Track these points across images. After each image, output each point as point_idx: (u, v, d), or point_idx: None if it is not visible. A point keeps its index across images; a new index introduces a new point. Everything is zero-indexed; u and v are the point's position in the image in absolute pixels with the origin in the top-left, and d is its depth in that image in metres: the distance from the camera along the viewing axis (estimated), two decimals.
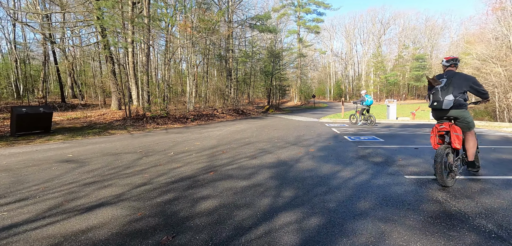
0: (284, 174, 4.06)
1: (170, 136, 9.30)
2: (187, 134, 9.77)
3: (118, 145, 7.38)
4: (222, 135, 9.12)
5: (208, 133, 10.05)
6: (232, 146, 6.79)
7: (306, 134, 8.92)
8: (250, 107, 27.18)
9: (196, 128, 12.22)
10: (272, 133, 9.35)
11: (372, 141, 7.20)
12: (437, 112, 3.60)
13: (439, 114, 3.60)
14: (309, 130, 10.35)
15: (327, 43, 65.74)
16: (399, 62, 62.19)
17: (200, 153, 5.93)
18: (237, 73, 30.03)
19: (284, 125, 12.88)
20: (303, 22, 43.86)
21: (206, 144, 7.24)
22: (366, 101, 11.25)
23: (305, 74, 50.66)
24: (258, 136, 8.63)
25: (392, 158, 5.03)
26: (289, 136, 8.57)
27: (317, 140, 7.60)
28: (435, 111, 3.62)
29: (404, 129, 10.55)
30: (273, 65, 31.11)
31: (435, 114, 3.68)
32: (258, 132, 9.94)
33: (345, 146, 6.44)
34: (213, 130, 10.95)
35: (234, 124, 14.02)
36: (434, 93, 3.50)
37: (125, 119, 13.41)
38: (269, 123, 14.41)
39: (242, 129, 11.27)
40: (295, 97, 51.51)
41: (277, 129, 10.75)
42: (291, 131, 9.89)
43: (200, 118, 16.97)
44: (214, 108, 20.55)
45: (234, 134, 9.47)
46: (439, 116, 3.62)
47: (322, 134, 8.87)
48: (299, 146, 6.53)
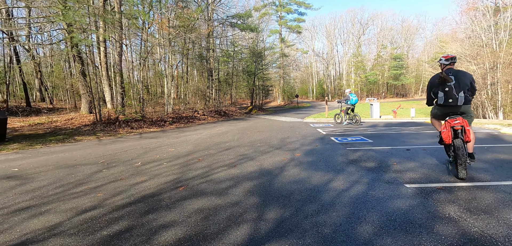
0: (268, 187, 3.45)
1: (143, 142, 8.44)
2: (163, 139, 8.94)
3: (79, 154, 6.47)
4: (200, 139, 8.39)
5: (185, 137, 9.27)
6: (210, 151, 6.11)
7: (291, 136, 8.39)
8: (233, 108, 26.46)
9: (174, 132, 11.37)
10: (254, 136, 8.75)
11: (360, 142, 6.78)
12: (450, 108, 3.73)
13: (452, 111, 3.73)
14: (294, 131, 9.85)
15: (308, 43, 66.33)
16: (378, 61, 63.84)
17: (172, 161, 5.19)
18: (218, 73, 29.22)
19: (267, 126, 12.33)
20: (284, 21, 43.76)
21: (181, 150, 6.50)
22: (351, 100, 10.93)
23: (288, 74, 50.66)
24: (239, 140, 7.99)
25: (385, 162, 4.57)
26: (273, 138, 8.00)
27: (302, 142, 7.08)
28: (446, 108, 3.77)
29: (389, 127, 10.32)
30: (256, 65, 30.58)
31: (445, 110, 3.80)
32: (240, 134, 9.30)
33: (333, 149, 5.95)
34: (191, 134, 10.18)
35: (215, 126, 13.28)
36: (448, 91, 3.65)
37: (95, 124, 12.29)
38: (252, 124, 13.81)
39: (223, 131, 10.57)
40: (278, 97, 51.32)
41: (260, 131, 10.16)
42: (275, 133, 9.33)
43: (179, 121, 16.05)
44: (194, 110, 19.65)
45: (213, 137, 8.76)
46: (452, 113, 3.74)
47: (307, 136, 8.38)
48: (283, 150, 5.97)
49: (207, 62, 23.98)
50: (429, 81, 4.01)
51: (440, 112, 3.95)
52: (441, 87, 3.71)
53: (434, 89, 3.87)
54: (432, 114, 4.25)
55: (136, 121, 13.40)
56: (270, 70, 43.44)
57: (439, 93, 3.75)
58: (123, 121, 12.86)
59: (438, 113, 4.02)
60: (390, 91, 64.16)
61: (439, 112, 3.97)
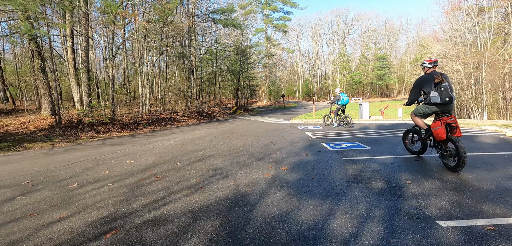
0: (240, 229, 2.33)
1: (101, 150, 7.08)
2: (127, 146, 7.61)
3: (8, 169, 5.08)
4: (170, 147, 7.15)
5: (155, 143, 7.99)
6: (176, 165, 4.91)
7: (277, 142, 7.31)
8: (216, 109, 25.16)
9: (145, 137, 10.02)
10: (235, 141, 7.60)
11: (357, 150, 5.80)
12: (446, 106, 3.97)
13: (447, 109, 3.99)
14: (280, 135, 8.79)
15: (294, 43, 65.84)
16: (362, 62, 64.34)
17: (121, 181, 3.97)
18: (201, 72, 27.81)
19: (251, 128, 11.21)
20: (270, 20, 42.84)
21: (141, 162, 5.26)
22: (342, 100, 10.01)
23: (274, 73, 49.83)
24: (216, 146, 6.82)
25: (396, 180, 3.57)
26: (256, 144, 6.89)
27: (290, 150, 6.01)
28: (443, 106, 3.98)
29: (383, 130, 9.47)
30: (240, 63, 29.39)
31: (441, 109, 4.02)
32: (218, 139, 8.12)
33: (327, 160, 4.91)
34: (163, 139, 8.89)
35: (194, 129, 12.02)
36: (443, 90, 3.89)
37: (54, 128, 10.71)
38: (235, 126, 12.65)
39: (200, 136, 9.35)
40: (264, 97, 50.36)
41: (243, 135, 9.03)
42: (258, 138, 8.22)
43: (155, 123, 14.63)
44: (173, 112, 18.22)
45: (187, 143, 7.54)
46: (447, 111, 4.01)
47: (295, 141, 7.33)
48: (267, 162, 4.86)
49: (188, 60, 22.55)
50: (420, 80, 4.23)
51: (430, 110, 4.18)
52: (436, 87, 3.95)
53: (425, 89, 4.11)
54: (416, 113, 4.48)
55: (103, 124, 11.90)
56: (256, 70, 42.38)
57: (433, 93, 3.97)
58: (88, 124, 11.33)
59: (427, 112, 4.26)
60: (375, 91, 64.84)
61: (430, 110, 4.19)
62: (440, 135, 3.92)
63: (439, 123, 3.94)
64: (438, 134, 3.94)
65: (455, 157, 3.81)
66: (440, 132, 3.91)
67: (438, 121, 3.96)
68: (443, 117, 3.94)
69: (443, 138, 3.90)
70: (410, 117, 4.69)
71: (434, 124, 4.04)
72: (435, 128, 3.99)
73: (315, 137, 8.07)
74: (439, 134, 3.93)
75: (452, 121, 3.86)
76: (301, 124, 12.95)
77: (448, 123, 3.88)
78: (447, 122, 3.89)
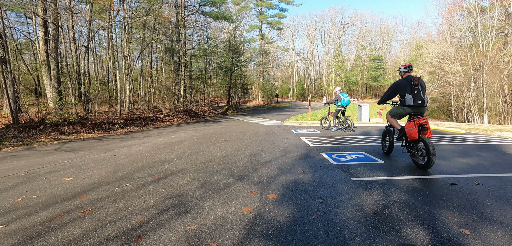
0: None
1: (48, 158, 5.69)
2: (84, 153, 6.23)
3: None
4: (135, 155, 5.80)
5: (120, 149, 6.62)
6: (126, 186, 3.59)
7: (266, 150, 6.05)
8: (206, 108, 23.76)
9: (114, 140, 8.62)
10: (216, 149, 6.30)
11: (367, 164, 4.57)
12: (419, 109, 4.27)
13: (420, 111, 4.29)
14: (271, 140, 7.52)
15: (289, 41, 64.71)
16: (357, 62, 63.70)
17: (24, 218, 2.63)
18: (190, 68, 26.36)
19: (239, 131, 9.92)
20: (264, 17, 41.56)
21: (82, 180, 3.92)
22: (342, 101, 8.81)
23: (268, 72, 48.61)
24: (192, 156, 5.51)
25: (440, 223, 2.34)
26: (240, 154, 5.60)
27: (282, 163, 4.74)
28: (415, 108, 4.29)
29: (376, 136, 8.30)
30: (233, 60, 28.02)
31: (414, 110, 4.31)
32: (197, 145, 6.81)
33: (330, 181, 3.67)
34: (133, 144, 7.52)
35: (175, 131, 10.66)
36: (416, 94, 4.21)
37: (9, 127, 9.21)
38: (222, 128, 11.34)
39: (179, 139, 8.02)
40: (257, 97, 49.10)
41: (228, 139, 7.73)
42: (245, 144, 6.94)
43: (134, 123, 13.20)
44: (157, 110, 16.78)
45: (158, 151, 6.21)
46: (419, 113, 4.30)
47: (289, 150, 6.07)
48: (250, 184, 3.59)
49: (176, 55, 21.09)
50: (396, 84, 4.49)
51: (405, 112, 4.45)
52: (410, 90, 4.21)
53: (401, 92, 4.36)
54: (391, 114, 4.74)
55: (71, 124, 10.44)
56: (250, 68, 41.07)
57: (407, 95, 4.24)
58: (52, 124, 9.86)
59: (402, 113, 4.53)
60: (369, 92, 64.28)
61: (404, 112, 4.46)
62: (413, 135, 4.16)
63: (412, 124, 4.18)
64: (411, 134, 4.17)
65: (425, 156, 4.04)
66: (413, 132, 4.15)
67: (412, 122, 4.19)
68: (416, 119, 4.17)
69: (415, 137, 4.15)
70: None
71: (407, 125, 4.27)
72: (408, 128, 4.22)
73: (312, 144, 6.83)
74: (412, 134, 4.17)
75: (424, 122, 4.09)
76: (295, 126, 11.72)
77: (420, 124, 4.10)
78: (419, 123, 4.11)
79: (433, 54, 25.32)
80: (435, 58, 24.91)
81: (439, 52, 24.84)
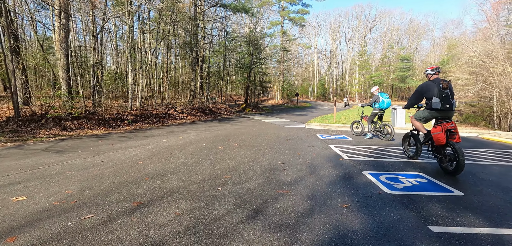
0: None
1: (19, 163, 4.74)
2: (75, 154, 5.25)
3: None
4: (126, 163, 4.70)
5: (114, 152, 5.58)
6: (85, 218, 2.44)
7: (289, 163, 4.73)
8: (223, 106, 22.75)
9: (116, 138, 7.68)
10: (226, 158, 5.08)
11: (439, 197, 3.12)
12: (447, 113, 4.15)
13: (448, 115, 4.17)
14: (294, 148, 6.19)
15: (311, 39, 62.52)
16: (383, 62, 60.23)
17: None
18: (208, 64, 25.47)
19: (256, 134, 8.66)
20: (286, 12, 39.94)
21: (35, 202, 2.83)
22: (381, 102, 7.26)
23: (288, 70, 46.97)
24: (194, 166, 4.33)
25: None
26: (255, 168, 4.33)
27: (312, 189, 3.41)
28: (444, 112, 4.15)
29: None
30: (252, 57, 26.80)
31: (442, 114, 4.19)
32: (205, 151, 5.64)
33: (395, 229, 2.30)
34: (133, 145, 6.49)
35: (185, 131, 9.61)
36: (445, 97, 4.06)
37: (9, 120, 8.58)
38: (237, 129, 10.14)
39: (186, 142, 6.90)
40: (276, 95, 47.65)
41: (241, 145, 6.50)
42: (262, 152, 5.66)
43: (145, 120, 12.36)
44: (171, 107, 15.94)
45: (156, 157, 5.08)
46: (447, 117, 4.18)
47: (318, 165, 4.71)
48: (267, 228, 2.30)
49: (193, 50, 20.20)
50: (423, 87, 4.38)
51: (432, 116, 4.36)
52: (438, 94, 4.10)
53: (428, 95, 4.28)
54: (417, 117, 4.62)
55: (75, 119, 9.70)
56: (269, 65, 39.71)
57: (435, 99, 4.14)
58: (55, 118, 9.15)
59: (429, 117, 4.43)
60: (395, 94, 60.59)
61: (431, 116, 4.37)
62: (440, 140, 4.01)
63: (439, 128, 4.05)
64: (438, 138, 4.03)
65: (454, 161, 3.89)
66: (441, 136, 4.00)
67: (439, 127, 4.07)
68: (443, 123, 4.07)
69: (443, 142, 3.99)
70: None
71: (434, 129, 4.14)
72: (435, 133, 4.08)
73: (346, 155, 5.41)
74: (439, 139, 4.02)
75: (452, 127, 3.99)
76: (320, 130, 10.26)
77: (448, 128, 4.00)
78: (447, 128, 4.01)
79: (476, 54, 22.61)
80: (478, 58, 22.22)
81: (483, 51, 22.16)
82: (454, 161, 3.87)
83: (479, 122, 25.29)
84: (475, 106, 27.56)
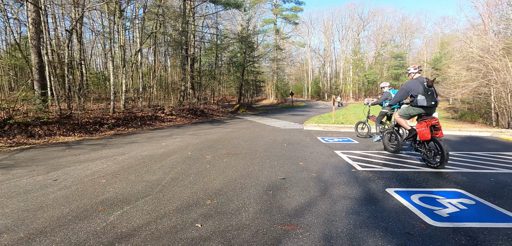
0: None
1: None
2: (14, 173, 4.20)
3: None
4: (84, 182, 3.69)
5: (74, 168, 4.56)
6: None
7: (291, 179, 3.79)
8: (215, 107, 21.71)
9: (88, 147, 6.62)
10: (212, 172, 4.12)
11: (501, 229, 2.24)
12: (431, 109, 4.31)
13: (432, 111, 4.34)
14: (295, 156, 5.26)
15: (305, 38, 61.85)
16: (377, 60, 59.98)
17: None
18: (200, 63, 24.40)
19: (250, 138, 7.72)
20: (280, 10, 39.08)
21: None
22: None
23: (282, 69, 46.13)
24: (167, 190, 3.35)
25: None
26: (249, 188, 3.39)
27: (328, 222, 2.49)
28: (429, 109, 4.30)
29: (466, 150, 5.83)
30: (245, 55, 25.83)
31: (427, 111, 4.34)
32: (187, 164, 4.66)
33: None
34: (103, 156, 5.46)
35: (170, 135, 8.60)
36: (430, 94, 4.25)
37: None
38: (229, 132, 9.17)
39: (167, 150, 5.90)
40: (270, 95, 46.75)
41: (233, 153, 5.54)
42: (257, 163, 4.72)
43: (128, 123, 11.27)
44: (158, 108, 14.85)
45: (124, 173, 4.09)
46: (431, 113, 4.36)
47: (328, 180, 3.79)
48: None
49: (182, 48, 19.12)
50: (408, 85, 4.50)
51: (416, 112, 4.45)
52: (423, 91, 4.26)
53: (413, 93, 4.39)
54: (401, 114, 4.75)
55: (46, 124, 8.58)
56: (263, 64, 38.78)
57: (420, 96, 4.28)
58: (20, 124, 8.02)
59: (413, 114, 4.52)
60: None
61: (415, 112, 4.46)
62: (425, 135, 4.17)
63: (424, 124, 4.21)
64: (424, 134, 4.18)
65: (438, 155, 4.09)
66: (426, 132, 4.16)
67: (423, 123, 4.23)
68: (427, 119, 4.23)
69: (428, 138, 4.17)
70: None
71: (419, 125, 4.30)
72: (420, 129, 4.24)
73: (359, 165, 4.51)
74: (424, 134, 4.18)
75: (436, 123, 4.17)
76: (320, 132, 9.37)
77: (433, 124, 4.16)
78: (432, 123, 4.17)
79: (474, 49, 22.13)
80: (476, 53, 21.74)
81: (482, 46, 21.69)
82: (438, 155, 4.08)
83: (476, 119, 24.85)
84: (471, 103, 27.20)
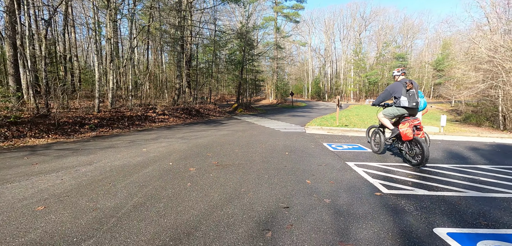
0: None
1: None
2: None
3: None
4: (21, 205, 2.69)
5: (16, 185, 3.56)
6: None
7: (296, 207, 2.82)
8: (212, 106, 20.73)
9: (54, 153, 5.62)
10: (193, 193, 3.15)
11: None
12: (413, 110, 4.51)
13: (414, 112, 4.54)
14: (299, 171, 4.28)
15: (306, 37, 60.84)
16: (379, 60, 59.02)
17: None
18: (197, 61, 23.41)
19: (246, 143, 6.74)
20: (280, 8, 38.05)
21: None
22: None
23: (282, 68, 45.13)
24: (123, 226, 2.37)
25: None
26: (238, 223, 2.41)
27: None
28: (411, 109, 4.50)
29: (497, 164, 4.87)
30: (244, 53, 24.83)
31: (409, 112, 4.53)
32: (163, 181, 3.68)
33: None
34: (64, 166, 4.46)
35: (156, 139, 7.61)
36: (412, 96, 4.42)
37: None
38: (223, 136, 8.19)
39: (145, 159, 4.92)
40: (270, 95, 45.78)
41: (224, 164, 4.56)
42: (252, 180, 3.75)
43: (114, 123, 10.28)
44: (150, 108, 13.86)
45: (77, 194, 3.10)
46: (414, 114, 4.57)
47: (345, 211, 2.81)
48: None
49: (178, 44, 18.11)
50: (392, 87, 4.69)
51: (400, 113, 4.61)
52: (405, 93, 4.44)
53: (396, 94, 4.60)
54: (385, 114, 4.84)
55: (17, 124, 7.59)
56: (263, 63, 37.80)
57: (403, 97, 4.46)
58: None
59: (397, 114, 4.68)
60: None
61: (399, 113, 4.62)
62: (408, 135, 4.33)
63: (407, 125, 4.39)
64: (406, 134, 4.35)
65: (419, 155, 4.26)
66: (409, 132, 4.32)
67: (406, 123, 4.41)
68: (410, 120, 4.42)
69: (410, 138, 4.32)
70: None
71: (402, 125, 4.47)
72: (403, 129, 4.40)
73: (381, 184, 3.53)
74: (407, 134, 4.34)
75: (418, 123, 4.37)
76: (325, 136, 8.40)
77: (415, 125, 4.35)
78: (414, 124, 4.36)
79: (482, 49, 21.20)
80: (485, 53, 20.81)
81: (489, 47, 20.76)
82: (420, 154, 4.23)
83: (483, 122, 23.90)
84: (476, 106, 26.31)
